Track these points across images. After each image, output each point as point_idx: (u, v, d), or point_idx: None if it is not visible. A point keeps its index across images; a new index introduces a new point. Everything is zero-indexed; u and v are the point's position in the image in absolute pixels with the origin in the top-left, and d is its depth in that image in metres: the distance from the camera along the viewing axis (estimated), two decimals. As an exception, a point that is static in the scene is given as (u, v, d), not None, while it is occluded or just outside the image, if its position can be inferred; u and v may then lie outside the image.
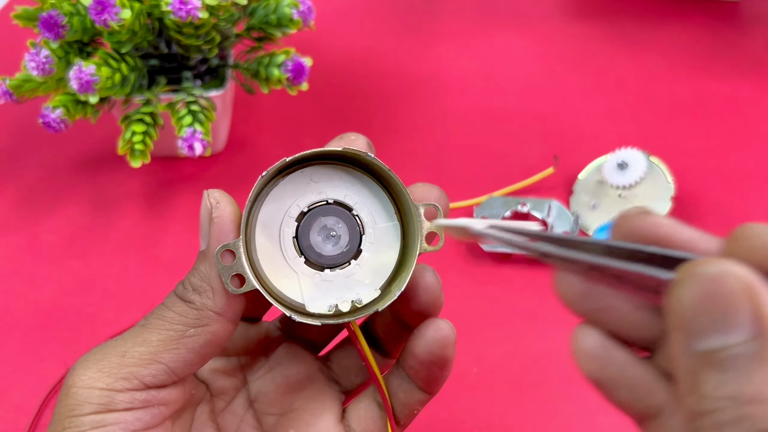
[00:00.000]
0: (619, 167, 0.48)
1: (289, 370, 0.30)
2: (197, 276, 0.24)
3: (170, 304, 0.25)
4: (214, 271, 0.24)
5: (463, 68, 0.64)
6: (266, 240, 0.26)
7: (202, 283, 0.24)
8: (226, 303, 0.24)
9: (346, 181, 0.27)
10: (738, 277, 0.16)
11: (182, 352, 0.24)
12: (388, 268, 0.26)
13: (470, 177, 0.54)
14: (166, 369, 0.24)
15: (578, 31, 0.67)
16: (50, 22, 0.44)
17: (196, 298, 0.24)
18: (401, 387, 0.29)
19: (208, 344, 0.24)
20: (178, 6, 0.43)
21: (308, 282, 0.26)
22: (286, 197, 0.26)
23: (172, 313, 0.24)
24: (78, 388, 0.23)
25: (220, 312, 0.24)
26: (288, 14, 0.50)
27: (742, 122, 0.57)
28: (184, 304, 0.24)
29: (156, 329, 0.24)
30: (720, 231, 0.53)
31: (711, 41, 0.65)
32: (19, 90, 0.47)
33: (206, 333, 0.24)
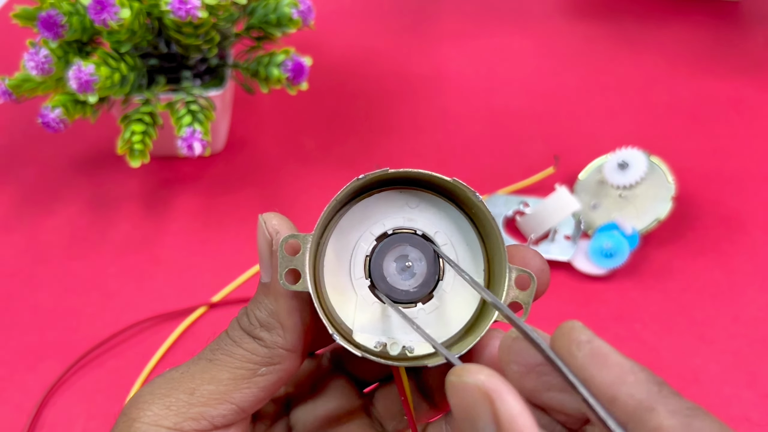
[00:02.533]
0: (619, 167, 0.47)
1: (332, 404, 0.28)
2: (263, 311, 0.23)
3: (238, 340, 0.23)
4: (281, 306, 0.23)
5: (463, 68, 0.64)
6: (337, 250, 0.23)
7: (270, 319, 0.23)
8: (297, 340, 0.23)
9: (442, 217, 0.24)
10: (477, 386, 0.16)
11: (253, 391, 0.23)
12: (455, 325, 0.24)
13: (471, 177, 0.53)
14: (236, 409, 0.23)
15: (579, 30, 0.67)
16: (49, 22, 0.44)
17: (266, 336, 0.23)
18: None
19: (278, 381, 0.23)
20: (177, 5, 0.43)
21: (365, 309, 0.23)
22: (374, 213, 0.24)
23: (241, 350, 0.23)
24: (142, 423, 0.22)
25: (291, 349, 0.23)
26: (287, 14, 0.50)
27: (742, 122, 0.57)
28: (253, 341, 0.23)
29: (226, 367, 0.23)
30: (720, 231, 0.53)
31: (712, 41, 0.65)
32: (18, 89, 0.47)
33: (277, 371, 0.23)
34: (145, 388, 0.23)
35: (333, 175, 0.54)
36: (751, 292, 0.45)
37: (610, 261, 0.45)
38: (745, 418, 0.39)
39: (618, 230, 0.46)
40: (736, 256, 0.47)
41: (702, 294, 0.45)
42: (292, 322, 0.23)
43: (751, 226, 0.49)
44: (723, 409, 0.39)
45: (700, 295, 0.45)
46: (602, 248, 0.46)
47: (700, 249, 0.47)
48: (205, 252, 0.49)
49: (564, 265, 0.47)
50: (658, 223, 0.47)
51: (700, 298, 0.45)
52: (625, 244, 0.45)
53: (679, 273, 0.46)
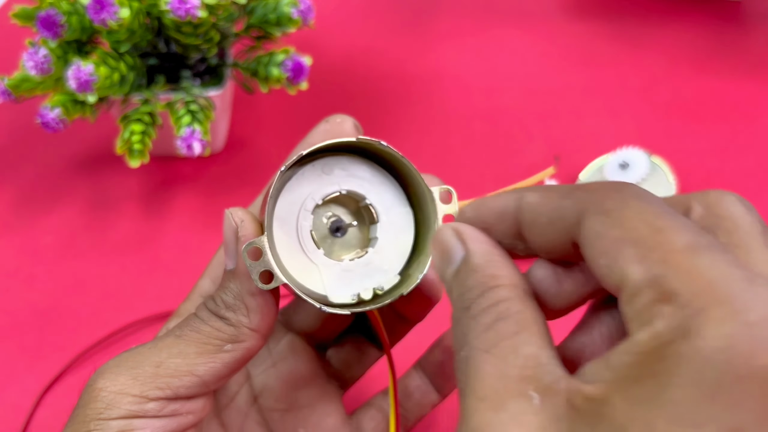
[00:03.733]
0: (620, 167, 0.47)
1: (294, 365, 0.30)
2: (229, 294, 0.25)
3: (206, 318, 0.25)
4: (245, 289, 0.25)
5: (463, 67, 0.64)
6: (284, 234, 0.26)
7: (235, 301, 0.25)
8: (260, 320, 0.25)
9: (357, 169, 0.27)
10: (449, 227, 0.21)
11: (217, 366, 0.25)
12: (405, 253, 0.27)
13: (471, 176, 0.53)
14: (200, 381, 0.25)
15: (579, 29, 0.67)
16: (48, 21, 0.44)
17: (231, 316, 0.25)
18: (419, 388, 0.29)
19: (242, 359, 0.25)
20: (176, 5, 0.43)
21: (329, 273, 0.26)
22: (300, 191, 0.26)
23: (209, 327, 0.25)
24: (108, 392, 0.24)
25: (255, 329, 0.25)
26: (287, 13, 0.49)
27: (744, 122, 0.57)
28: (219, 320, 0.25)
29: (193, 342, 0.25)
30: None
31: (713, 40, 0.65)
32: (17, 89, 0.47)
33: (242, 348, 0.25)
34: (112, 361, 0.25)
35: (333, 175, 0.54)
36: (752, 293, 0.45)
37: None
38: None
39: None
40: (737, 257, 0.47)
41: (703, 295, 0.45)
42: (255, 304, 0.25)
43: (753, 226, 0.49)
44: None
45: (701, 296, 0.45)
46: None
47: (701, 249, 0.47)
48: (204, 252, 0.49)
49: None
50: (659, 223, 0.46)
51: (701, 299, 0.45)
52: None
53: (680, 273, 0.46)
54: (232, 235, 0.25)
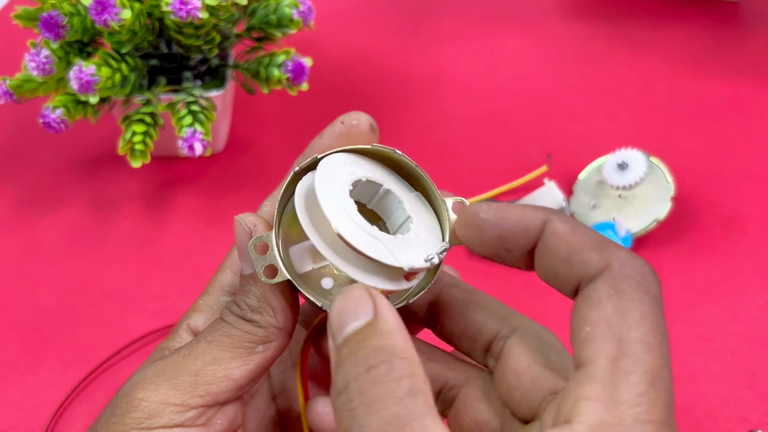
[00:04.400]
0: (619, 167, 0.48)
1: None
2: (252, 297, 0.26)
3: (234, 323, 0.25)
4: (268, 291, 0.25)
5: (463, 68, 0.64)
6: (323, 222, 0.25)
7: (260, 303, 0.25)
8: (286, 319, 0.26)
9: (372, 168, 0.27)
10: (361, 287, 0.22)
11: (251, 368, 0.25)
12: (437, 229, 0.27)
13: (471, 177, 0.54)
14: (236, 385, 0.25)
15: (578, 31, 0.67)
16: (50, 23, 0.44)
17: (259, 318, 0.25)
18: None
19: (272, 359, 0.26)
20: (178, 6, 0.43)
21: (392, 245, 0.25)
22: (327, 182, 0.26)
23: (239, 331, 0.25)
24: (150, 402, 0.24)
25: (282, 327, 0.26)
26: (288, 14, 0.50)
27: (742, 122, 0.57)
28: (247, 323, 0.25)
29: (226, 347, 0.25)
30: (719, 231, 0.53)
31: (711, 41, 0.65)
32: (19, 90, 0.47)
33: (272, 348, 0.25)
34: (148, 371, 0.25)
35: (333, 176, 0.54)
36: (749, 292, 0.45)
37: (607, 261, 0.46)
38: (743, 418, 0.39)
39: (613, 230, 0.46)
40: (734, 256, 0.47)
41: (701, 294, 0.45)
42: (279, 304, 0.25)
43: (750, 226, 0.49)
44: (721, 409, 0.39)
45: (698, 295, 0.45)
46: (601, 248, 0.46)
47: (699, 249, 0.48)
48: (206, 251, 0.49)
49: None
50: (657, 223, 0.47)
51: (698, 298, 0.45)
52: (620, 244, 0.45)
53: (677, 273, 0.46)
54: (247, 239, 0.25)
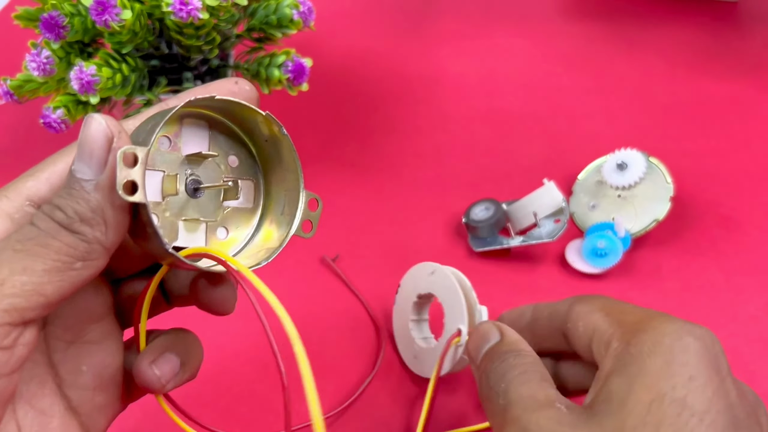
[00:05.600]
0: (618, 168, 0.48)
1: (91, 298, 0.27)
2: (84, 205, 0.22)
3: (54, 233, 0.22)
4: (109, 201, 0.22)
5: (462, 69, 0.64)
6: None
7: (94, 215, 0.22)
8: (116, 238, 0.23)
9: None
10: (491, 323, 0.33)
11: (65, 286, 0.22)
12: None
13: (470, 177, 0.54)
14: (46, 303, 0.22)
15: (577, 31, 0.68)
16: (51, 23, 0.45)
17: (87, 230, 0.22)
18: None
19: (88, 279, 0.23)
20: (178, 7, 0.44)
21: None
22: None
23: (58, 242, 0.22)
24: None
25: (109, 247, 0.23)
26: (288, 15, 0.50)
27: (741, 123, 0.57)
28: (71, 234, 0.22)
29: (39, 258, 0.22)
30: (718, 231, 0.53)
31: (710, 41, 0.65)
32: (20, 90, 0.47)
33: (92, 267, 0.23)
34: None
35: (333, 176, 0.54)
36: (749, 292, 0.45)
37: (603, 261, 0.46)
38: (743, 417, 0.39)
39: (612, 230, 0.46)
40: (734, 256, 0.47)
41: (700, 293, 0.45)
42: (115, 220, 0.23)
43: (750, 226, 0.49)
44: (721, 409, 0.39)
45: (698, 295, 0.45)
46: (596, 248, 0.46)
47: (698, 249, 0.48)
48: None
49: (559, 262, 0.47)
50: (656, 223, 0.47)
51: (698, 298, 0.45)
52: (619, 244, 0.45)
53: (677, 273, 0.46)
54: (104, 142, 0.22)
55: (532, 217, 0.47)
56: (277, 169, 0.29)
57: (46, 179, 0.25)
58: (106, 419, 0.27)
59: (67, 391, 0.26)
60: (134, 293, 0.29)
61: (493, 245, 0.47)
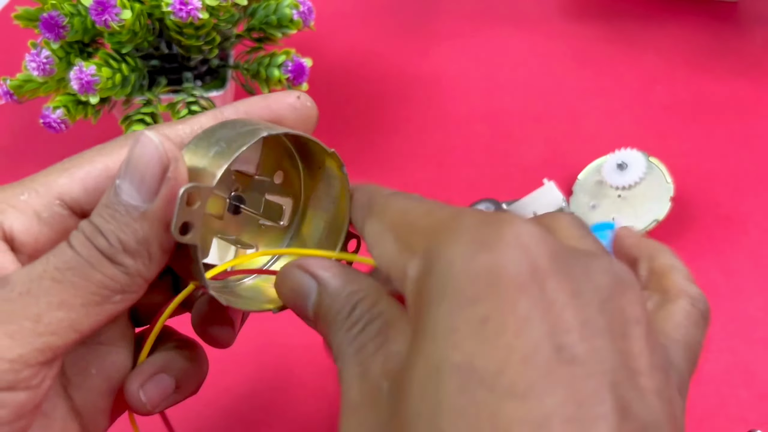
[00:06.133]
0: (618, 168, 0.48)
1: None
2: (131, 235, 0.20)
3: (96, 263, 0.20)
4: (154, 235, 0.21)
5: (463, 69, 0.64)
6: None
7: (139, 247, 0.20)
8: (156, 272, 0.22)
9: None
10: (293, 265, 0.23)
11: (100, 320, 0.20)
12: None
13: (470, 177, 0.54)
14: (80, 339, 0.20)
15: (578, 31, 0.68)
16: (51, 23, 0.45)
17: (130, 263, 0.20)
18: None
19: (123, 312, 0.21)
20: (178, 7, 0.44)
21: None
22: None
23: (99, 275, 0.20)
24: None
25: (149, 281, 0.21)
26: (288, 15, 0.50)
27: (741, 122, 0.57)
28: (113, 266, 0.20)
29: (79, 291, 0.20)
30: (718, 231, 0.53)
31: (710, 41, 0.65)
32: (19, 90, 0.47)
33: (129, 301, 0.21)
34: None
35: (333, 176, 0.54)
36: (749, 292, 0.45)
37: (607, 261, 0.46)
38: (742, 418, 0.39)
39: (612, 230, 0.46)
40: (734, 256, 0.47)
41: (700, 294, 0.45)
42: (159, 253, 0.21)
43: (750, 226, 0.49)
44: (720, 410, 0.39)
45: (698, 295, 0.45)
46: (600, 248, 0.46)
47: (698, 249, 0.48)
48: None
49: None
50: (656, 223, 0.47)
51: (698, 298, 0.45)
52: (623, 245, 0.45)
53: (677, 273, 0.46)
54: (159, 168, 0.20)
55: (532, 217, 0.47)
56: (323, 197, 0.27)
57: (81, 180, 0.23)
58: (107, 422, 0.26)
59: (72, 393, 0.25)
60: (150, 296, 0.27)
61: (493, 245, 0.47)
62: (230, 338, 0.26)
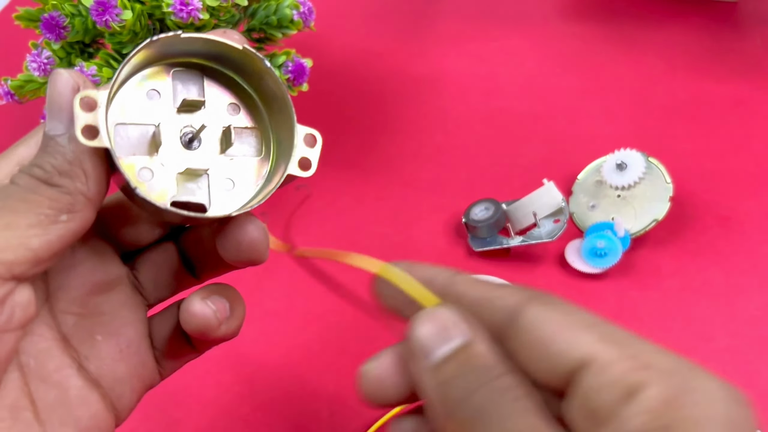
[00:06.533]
0: (618, 168, 0.48)
1: (97, 269, 0.27)
2: (61, 159, 0.22)
3: (34, 187, 0.22)
4: (84, 153, 0.22)
5: (462, 69, 0.64)
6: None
7: (72, 167, 0.22)
8: (99, 188, 0.23)
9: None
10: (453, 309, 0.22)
11: (52, 239, 0.22)
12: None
13: (470, 177, 0.54)
14: (34, 257, 0.21)
15: (577, 32, 0.68)
16: (52, 23, 0.45)
17: (67, 183, 0.22)
18: None
19: (77, 231, 0.23)
20: (179, 7, 0.44)
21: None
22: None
23: (39, 197, 0.22)
24: None
25: (92, 198, 0.23)
26: (288, 15, 0.50)
27: (740, 123, 0.57)
28: (51, 188, 0.22)
29: (22, 213, 0.21)
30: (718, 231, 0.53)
31: (709, 42, 0.65)
32: (20, 91, 0.47)
33: (78, 219, 0.22)
34: None
35: (333, 176, 0.54)
36: (749, 292, 0.45)
37: (603, 261, 0.46)
38: (742, 417, 0.39)
39: (612, 230, 0.46)
40: (733, 256, 0.47)
41: (700, 293, 0.45)
42: (94, 170, 0.23)
43: (749, 226, 0.49)
44: (720, 408, 0.39)
45: (698, 295, 0.45)
46: (595, 248, 0.46)
47: (697, 249, 0.48)
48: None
49: (559, 262, 0.47)
50: (656, 223, 0.47)
51: (698, 298, 0.45)
52: (618, 244, 0.46)
53: (676, 273, 0.47)
54: (70, 94, 0.22)
55: (532, 217, 0.47)
56: (276, 110, 0.27)
57: (36, 143, 0.24)
58: (133, 392, 0.27)
59: (85, 363, 0.26)
60: (148, 274, 0.28)
61: (493, 245, 0.48)
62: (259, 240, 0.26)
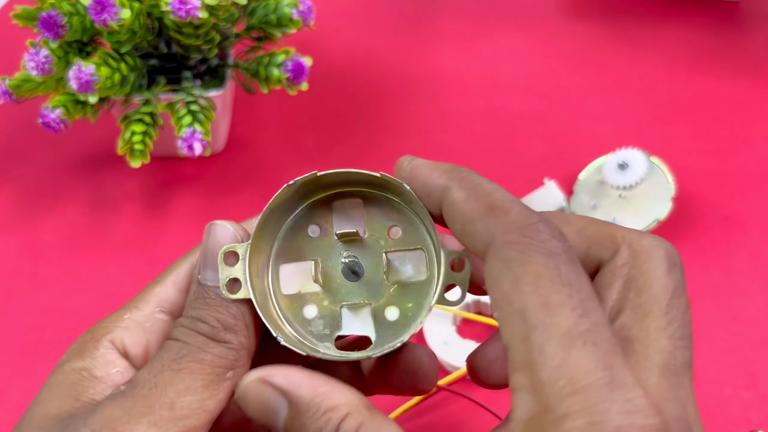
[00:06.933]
0: (619, 167, 0.48)
1: None
2: (226, 314, 0.23)
3: (203, 345, 0.22)
4: (245, 307, 0.23)
5: (463, 68, 0.64)
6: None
7: (236, 321, 0.23)
8: (255, 341, 0.24)
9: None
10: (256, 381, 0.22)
11: (222, 398, 0.23)
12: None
13: (470, 177, 0.53)
14: (210, 418, 0.22)
15: (579, 31, 0.67)
16: (50, 22, 0.44)
17: (233, 338, 0.23)
18: None
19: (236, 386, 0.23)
20: (177, 6, 0.43)
21: None
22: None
23: (210, 356, 0.22)
24: None
25: (252, 352, 0.23)
26: (288, 14, 0.50)
27: (742, 122, 0.57)
28: (218, 345, 0.23)
29: (196, 375, 0.22)
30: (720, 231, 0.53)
31: (711, 41, 0.65)
32: (18, 90, 0.47)
33: (240, 374, 0.23)
34: (114, 410, 0.21)
35: (333, 176, 0.54)
36: (751, 292, 0.45)
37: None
38: (744, 419, 0.39)
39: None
40: (735, 256, 0.47)
41: (701, 294, 0.45)
42: (253, 322, 0.23)
43: (751, 225, 0.49)
44: (722, 410, 0.39)
45: (699, 295, 0.45)
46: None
47: (699, 249, 0.48)
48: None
49: (564, 266, 0.47)
50: (657, 223, 0.47)
51: (699, 298, 0.45)
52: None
53: (678, 273, 0.46)
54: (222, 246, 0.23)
55: None
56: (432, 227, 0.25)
57: (172, 283, 0.25)
58: None
59: None
60: None
61: (494, 245, 0.47)
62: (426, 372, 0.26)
